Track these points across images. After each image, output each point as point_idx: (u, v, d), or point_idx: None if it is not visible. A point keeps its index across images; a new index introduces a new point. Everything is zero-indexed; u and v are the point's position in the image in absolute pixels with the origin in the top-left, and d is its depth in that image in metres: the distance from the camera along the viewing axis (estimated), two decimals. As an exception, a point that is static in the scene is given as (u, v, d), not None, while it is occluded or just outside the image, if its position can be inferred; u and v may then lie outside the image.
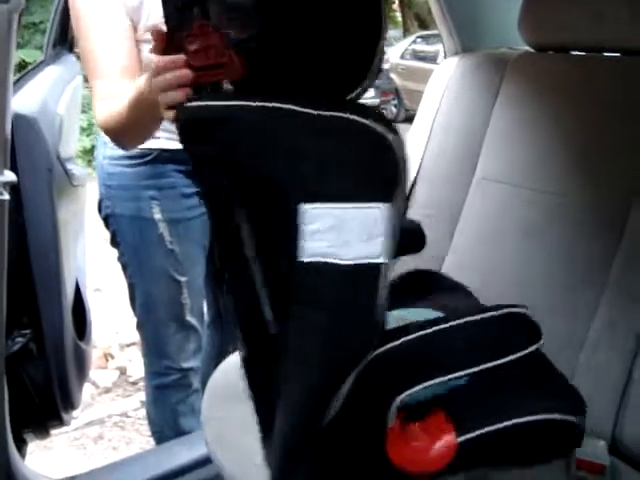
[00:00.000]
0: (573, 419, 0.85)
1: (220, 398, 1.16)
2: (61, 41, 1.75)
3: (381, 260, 0.72)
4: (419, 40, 9.33)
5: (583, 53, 1.31)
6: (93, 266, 2.25)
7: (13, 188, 1.14)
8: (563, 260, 1.20)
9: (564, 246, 1.20)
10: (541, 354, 0.89)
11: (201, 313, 1.61)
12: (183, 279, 1.48)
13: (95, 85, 1.22)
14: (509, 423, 0.80)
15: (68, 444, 2.13)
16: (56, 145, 1.50)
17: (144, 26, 1.27)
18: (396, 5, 13.33)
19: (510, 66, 1.39)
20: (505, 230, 1.30)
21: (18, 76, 1.55)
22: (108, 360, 2.62)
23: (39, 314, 1.46)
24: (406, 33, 12.57)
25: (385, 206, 0.71)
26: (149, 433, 1.78)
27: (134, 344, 2.64)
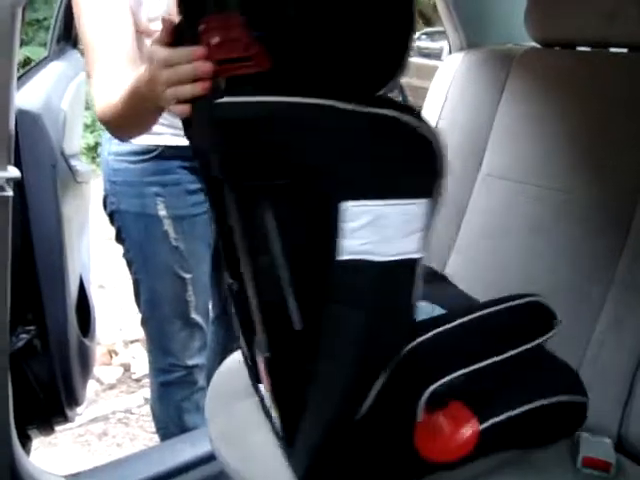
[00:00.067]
0: (580, 399, 0.90)
1: (224, 395, 1.16)
2: (65, 37, 1.74)
3: (418, 255, 0.72)
4: (424, 37, 9.28)
5: (589, 49, 1.30)
6: (97, 263, 2.25)
7: (17, 184, 1.13)
8: (569, 257, 1.19)
9: (570, 243, 1.19)
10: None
11: (206, 310, 1.61)
12: (188, 276, 1.48)
13: (94, 74, 1.20)
14: (524, 408, 0.84)
15: (72, 440, 2.13)
16: (60, 141, 1.49)
17: (146, 18, 1.26)
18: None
19: (516, 62, 1.38)
20: (510, 227, 1.29)
21: (22, 72, 1.54)
22: (112, 357, 2.63)
23: (43, 311, 1.45)
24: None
25: (424, 201, 0.72)
26: (153, 430, 1.78)
27: (138, 341, 2.64)
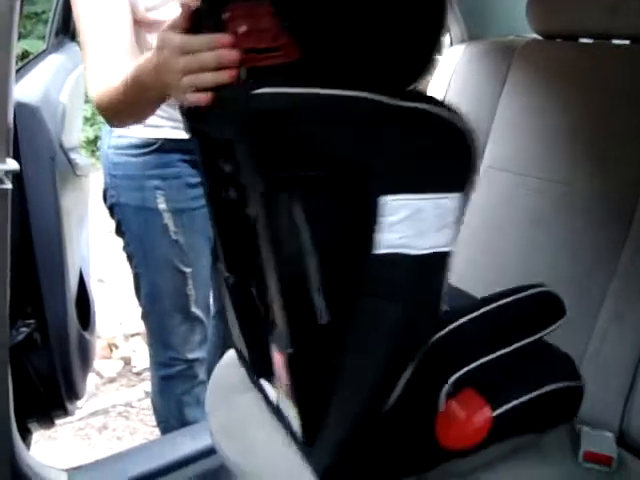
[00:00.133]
0: (579, 383, 0.93)
1: (225, 389, 1.16)
2: (63, 30, 1.73)
3: (448, 249, 0.73)
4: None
5: (591, 41, 1.30)
6: (97, 256, 2.24)
7: (16, 177, 1.13)
8: (570, 249, 1.18)
9: (571, 235, 1.19)
10: None
11: (206, 304, 1.60)
12: (188, 270, 1.48)
13: (89, 60, 1.16)
14: (532, 394, 0.87)
15: (73, 434, 2.14)
16: (59, 134, 1.49)
17: (144, 7, 1.24)
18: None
19: (517, 54, 1.38)
20: (511, 219, 1.29)
21: (20, 65, 1.54)
22: (112, 350, 2.63)
23: (43, 304, 1.45)
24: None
25: (458, 196, 0.73)
26: (153, 423, 1.79)
27: (138, 334, 2.65)
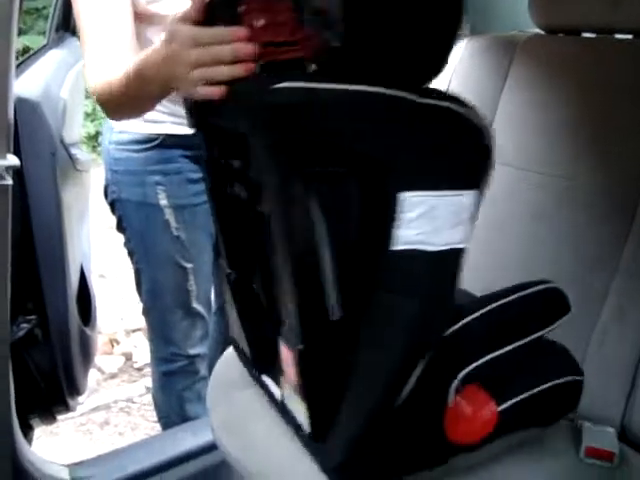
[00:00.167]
0: (579, 378, 0.94)
1: (226, 385, 1.16)
2: (64, 25, 1.72)
3: (462, 246, 0.74)
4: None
5: (594, 35, 1.29)
6: (98, 252, 2.24)
7: (16, 173, 1.12)
8: (572, 244, 1.18)
9: (573, 230, 1.18)
10: None
11: (208, 300, 1.61)
12: (189, 266, 1.48)
13: (88, 50, 1.15)
14: (535, 390, 0.88)
15: (74, 429, 2.14)
16: (59, 129, 1.48)
17: (145, 0, 1.24)
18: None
19: (520, 48, 1.37)
20: (513, 214, 1.28)
21: (21, 60, 1.54)
22: (114, 346, 2.63)
23: (44, 300, 1.45)
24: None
25: (474, 193, 0.73)
26: (155, 419, 1.79)
27: (139, 330, 2.65)
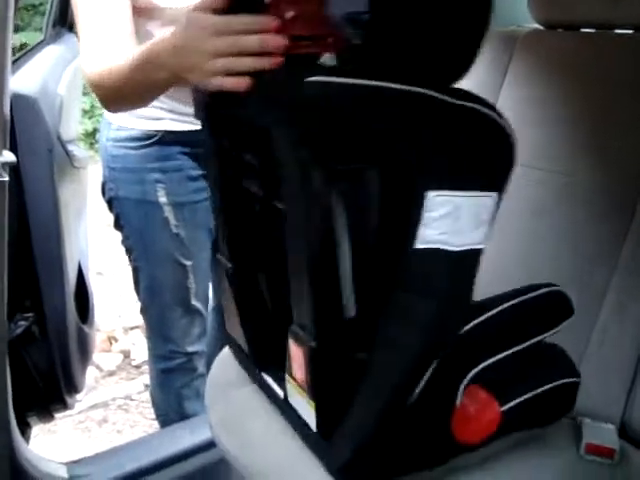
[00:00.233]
0: (577, 380, 0.95)
1: (224, 382, 1.15)
2: (61, 21, 1.72)
3: (481, 247, 0.73)
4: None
5: (593, 30, 1.28)
6: (95, 250, 2.24)
7: (13, 169, 1.12)
8: (571, 240, 1.18)
9: (573, 226, 1.18)
10: None
11: (206, 297, 1.60)
12: (189, 263, 1.47)
13: (85, 37, 1.12)
14: (537, 391, 0.89)
15: (72, 427, 2.14)
16: (56, 126, 1.48)
17: None
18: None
19: (519, 44, 1.36)
20: (512, 210, 1.28)
21: (17, 55, 1.53)
22: (112, 343, 2.63)
23: (41, 297, 1.45)
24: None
25: (496, 195, 0.73)
26: (153, 416, 1.78)
27: (137, 327, 2.64)
